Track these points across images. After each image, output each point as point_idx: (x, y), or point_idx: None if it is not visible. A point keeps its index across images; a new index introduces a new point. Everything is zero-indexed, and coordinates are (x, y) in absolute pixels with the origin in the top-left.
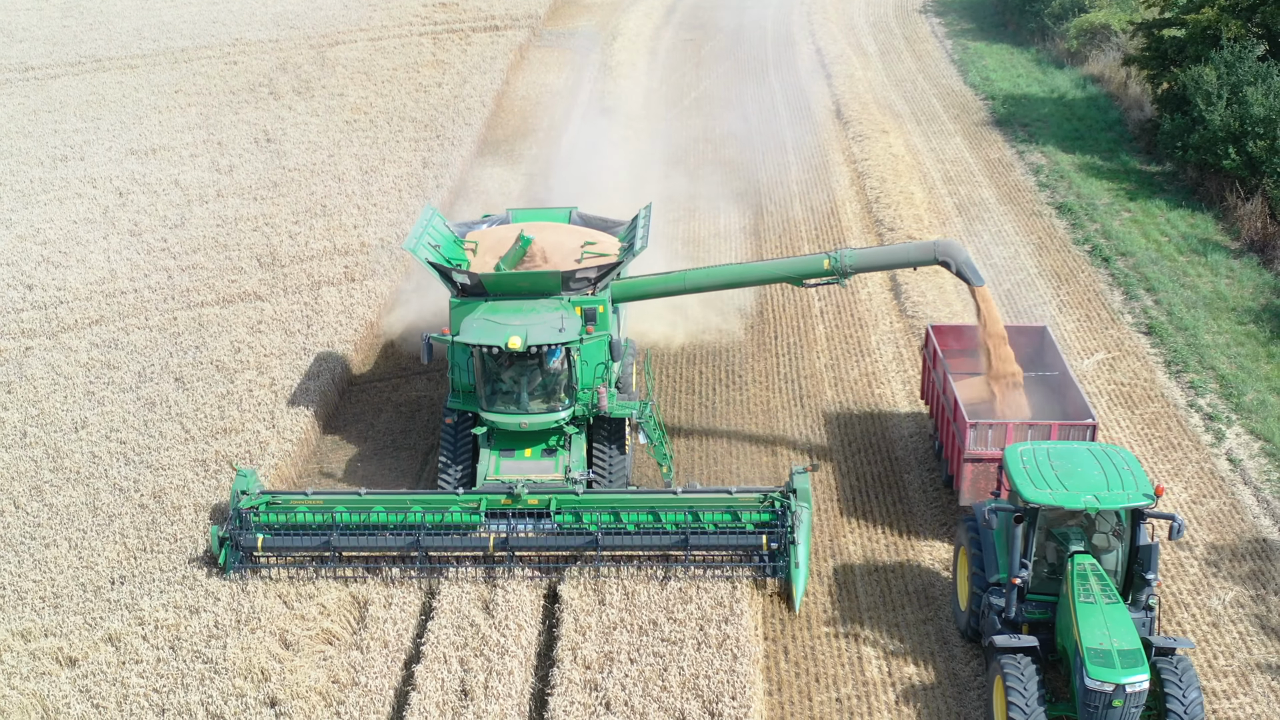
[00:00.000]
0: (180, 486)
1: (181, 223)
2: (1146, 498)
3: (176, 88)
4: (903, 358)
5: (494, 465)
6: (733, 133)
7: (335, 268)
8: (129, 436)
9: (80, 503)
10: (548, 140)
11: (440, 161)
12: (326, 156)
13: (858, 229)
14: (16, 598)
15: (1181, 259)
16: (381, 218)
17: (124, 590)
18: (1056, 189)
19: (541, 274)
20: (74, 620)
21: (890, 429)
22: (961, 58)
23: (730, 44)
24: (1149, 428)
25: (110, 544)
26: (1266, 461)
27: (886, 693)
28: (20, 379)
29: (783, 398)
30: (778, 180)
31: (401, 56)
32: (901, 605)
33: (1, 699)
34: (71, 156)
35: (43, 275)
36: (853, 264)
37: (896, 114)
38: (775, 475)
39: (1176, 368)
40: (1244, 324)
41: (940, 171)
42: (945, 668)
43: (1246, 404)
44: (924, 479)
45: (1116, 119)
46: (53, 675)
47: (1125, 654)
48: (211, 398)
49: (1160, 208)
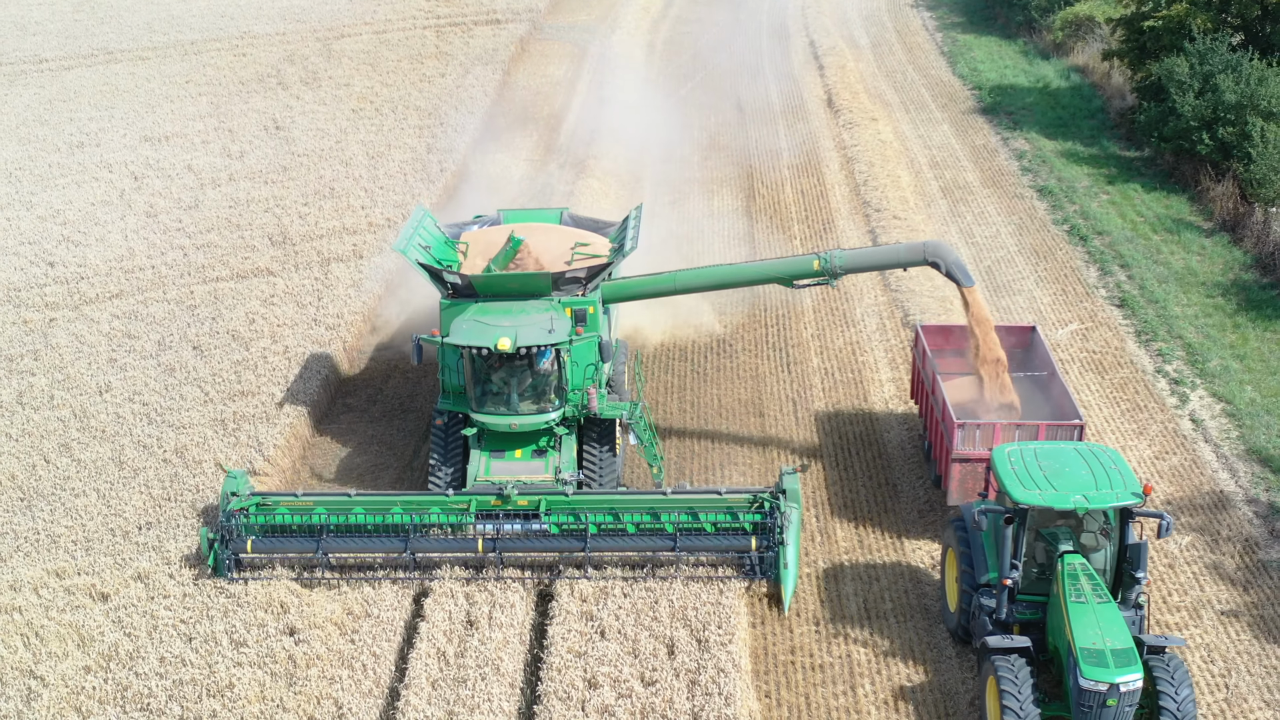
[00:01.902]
0: (200, 443)
1: (195, 204)
2: (1135, 496)
3: (187, 78)
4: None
5: (484, 466)
6: (727, 121)
7: (344, 245)
8: (151, 399)
9: (107, 458)
10: (548, 128)
11: (444, 147)
12: (334, 143)
13: (846, 210)
14: (50, 541)
15: (1156, 237)
16: (388, 199)
17: (150, 534)
18: (1038, 173)
19: (531, 275)
20: (105, 560)
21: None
22: (951, 49)
23: (726, 37)
24: (1117, 391)
25: (136, 494)
26: (1227, 421)
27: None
28: (46, 347)
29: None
30: (770, 165)
31: (405, 49)
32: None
33: (40, 628)
34: (87, 143)
35: (64, 253)
36: (842, 265)
37: (886, 103)
38: (766, 476)
39: (1146, 337)
40: (1212, 297)
41: (927, 157)
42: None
43: (1210, 369)
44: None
45: (1099, 107)
46: (86, 608)
47: (1118, 653)
48: (228, 364)
49: (1137, 190)
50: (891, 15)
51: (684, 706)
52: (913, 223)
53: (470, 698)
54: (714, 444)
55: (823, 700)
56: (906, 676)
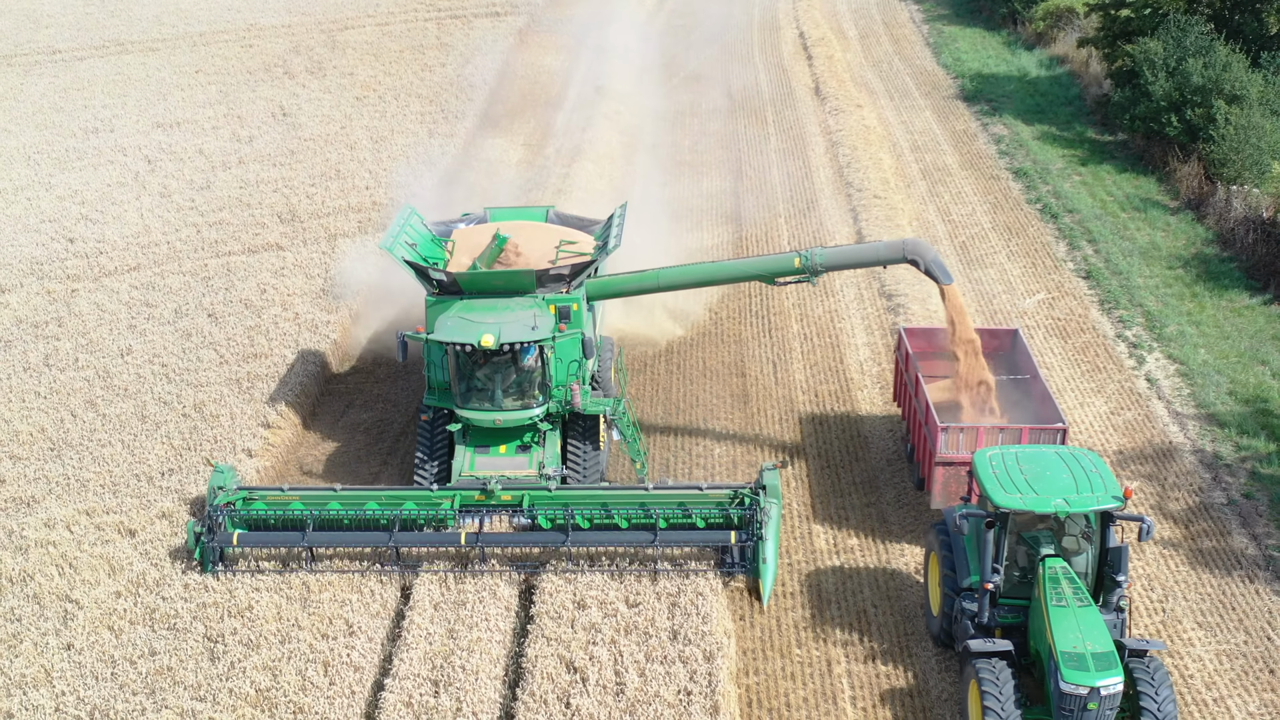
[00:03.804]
0: (217, 399)
1: (207, 185)
2: (1116, 500)
3: (196, 68)
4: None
5: (469, 461)
6: (717, 107)
7: (349, 222)
8: (169, 360)
9: (130, 413)
10: (545, 115)
11: (445, 132)
12: (339, 128)
13: (829, 191)
14: (80, 485)
15: (1124, 215)
16: (391, 180)
17: (173, 479)
18: (1015, 156)
19: (515, 272)
20: (131, 501)
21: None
22: (936, 41)
23: (719, 29)
24: (1079, 354)
25: (158, 444)
26: (1180, 381)
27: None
28: (69, 315)
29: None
30: (758, 149)
31: (408, 39)
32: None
33: (74, 559)
34: (102, 129)
35: (83, 230)
36: (823, 262)
37: (872, 91)
38: (750, 472)
39: (1109, 305)
40: (1174, 269)
41: (909, 141)
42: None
43: (1167, 334)
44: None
45: (1076, 94)
46: (115, 542)
47: (1099, 657)
48: (241, 329)
49: (1109, 172)
50: (880, 8)
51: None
52: (892, 202)
53: (469, 616)
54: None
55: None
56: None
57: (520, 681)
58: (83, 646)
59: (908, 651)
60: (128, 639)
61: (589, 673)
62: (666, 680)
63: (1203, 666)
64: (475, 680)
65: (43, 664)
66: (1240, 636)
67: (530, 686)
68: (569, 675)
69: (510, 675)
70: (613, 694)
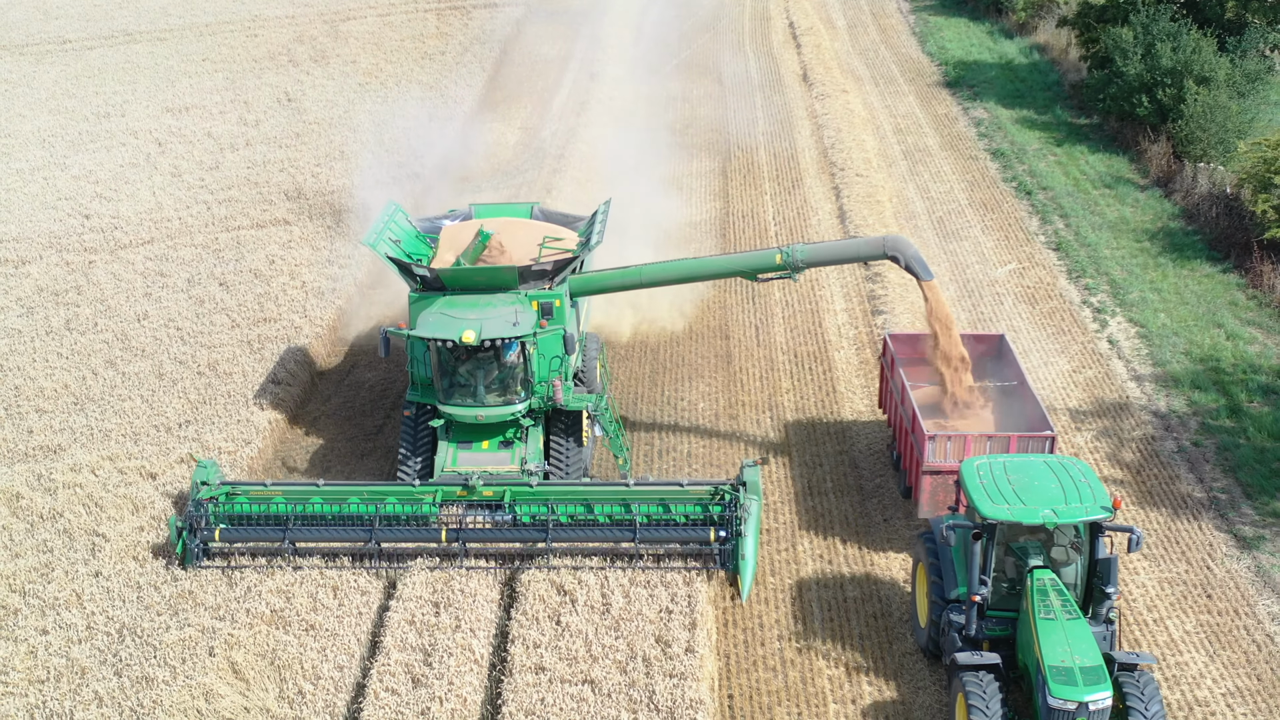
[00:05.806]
0: (230, 359)
1: (216, 166)
2: (1105, 510)
3: (203, 57)
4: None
5: (451, 457)
6: (708, 93)
7: (354, 200)
8: (184, 324)
9: (147, 371)
10: (541, 101)
11: (445, 116)
12: (343, 112)
13: (814, 170)
14: (103, 435)
15: (1095, 192)
16: (394, 160)
17: (190, 430)
18: (993, 138)
19: (497, 269)
20: (151, 449)
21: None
22: (922, 30)
23: (711, 19)
24: (1045, 319)
25: (175, 399)
26: (1140, 342)
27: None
28: (88, 283)
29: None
30: (746, 132)
31: (408, 29)
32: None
33: (100, 499)
34: (113, 114)
35: (98, 207)
36: (804, 259)
37: (857, 77)
38: (731, 469)
39: (1076, 274)
40: (1140, 242)
41: (892, 124)
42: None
43: (1130, 300)
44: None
45: (1055, 80)
46: (138, 484)
47: (1087, 671)
48: (252, 296)
49: (1083, 152)
50: None
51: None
52: (874, 180)
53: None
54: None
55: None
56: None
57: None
58: (110, 574)
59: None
60: (151, 567)
61: (577, 595)
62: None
63: (1145, 592)
64: (473, 603)
65: (74, 588)
66: (1182, 566)
67: (523, 606)
68: (559, 597)
69: (505, 599)
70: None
